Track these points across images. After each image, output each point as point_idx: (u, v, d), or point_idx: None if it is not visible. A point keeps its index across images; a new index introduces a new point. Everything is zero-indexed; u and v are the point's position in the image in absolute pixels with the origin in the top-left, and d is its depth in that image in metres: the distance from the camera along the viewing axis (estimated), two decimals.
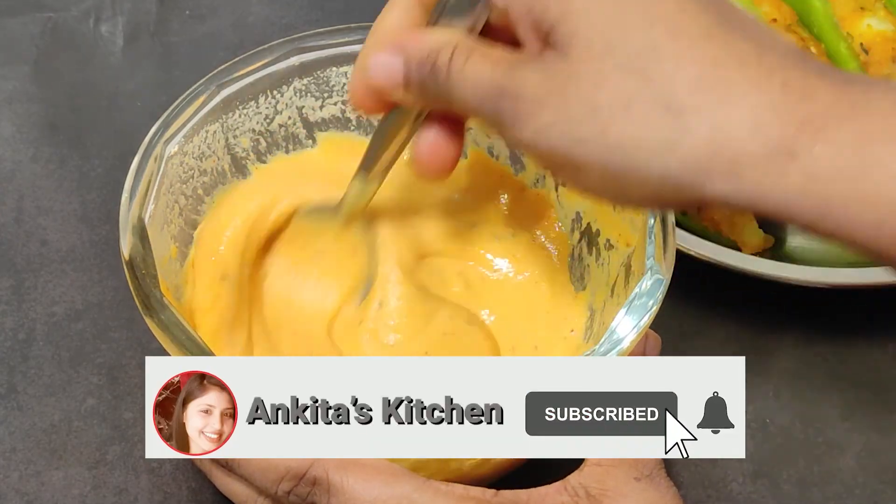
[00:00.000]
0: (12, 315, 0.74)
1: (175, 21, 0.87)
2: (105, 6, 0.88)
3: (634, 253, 0.65)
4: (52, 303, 0.74)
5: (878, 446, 0.71)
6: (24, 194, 0.79)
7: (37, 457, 0.69)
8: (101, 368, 0.72)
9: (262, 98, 0.70)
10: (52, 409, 0.70)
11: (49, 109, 0.83)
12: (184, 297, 0.67)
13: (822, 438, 0.71)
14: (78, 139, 0.81)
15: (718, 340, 0.74)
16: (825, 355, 0.74)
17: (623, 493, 0.59)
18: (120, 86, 0.84)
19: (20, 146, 0.81)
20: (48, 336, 0.73)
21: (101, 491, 0.68)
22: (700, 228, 0.76)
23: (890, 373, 0.74)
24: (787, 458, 0.70)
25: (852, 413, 0.72)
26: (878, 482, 0.70)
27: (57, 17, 0.87)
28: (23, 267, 0.76)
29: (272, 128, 0.71)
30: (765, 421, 0.72)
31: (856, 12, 0.82)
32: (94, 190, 0.79)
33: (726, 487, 0.69)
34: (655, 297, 0.61)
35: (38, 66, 0.85)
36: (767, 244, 0.76)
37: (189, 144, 0.67)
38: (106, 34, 0.86)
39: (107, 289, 0.75)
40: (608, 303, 0.67)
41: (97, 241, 0.77)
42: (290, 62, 0.70)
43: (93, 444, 0.69)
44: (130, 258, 0.62)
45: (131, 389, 0.71)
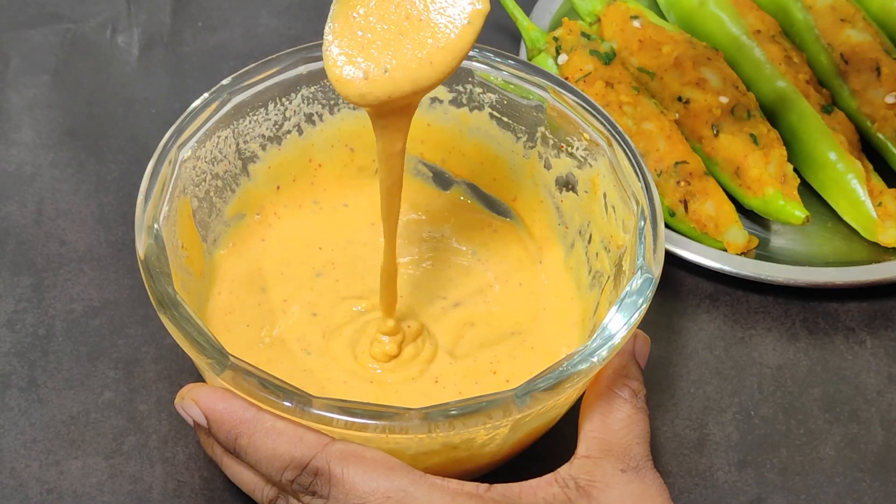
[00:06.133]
0: (33, 312, 0.74)
1: (188, 32, 0.87)
2: (121, 18, 0.87)
3: (625, 253, 0.66)
4: (70, 300, 0.74)
5: (857, 437, 0.71)
6: (43, 197, 0.79)
7: (56, 447, 0.69)
8: (117, 363, 0.72)
9: (271, 105, 0.71)
10: (71, 402, 0.71)
11: (68, 116, 0.82)
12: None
13: (804, 429, 0.71)
14: (95, 144, 0.81)
15: (705, 337, 0.75)
16: (807, 350, 0.74)
17: (609, 483, 0.61)
18: (135, 93, 0.84)
19: (40, 151, 0.81)
20: (67, 332, 0.73)
21: (118, 479, 0.68)
22: (687, 230, 0.76)
23: (868, 367, 0.74)
24: (770, 448, 0.70)
25: (832, 405, 0.72)
26: (857, 471, 0.70)
27: (76, 28, 0.87)
28: (43, 266, 0.76)
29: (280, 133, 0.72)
30: (749, 413, 0.72)
31: (836, 24, 0.82)
32: (111, 193, 0.79)
33: (712, 476, 0.69)
34: (645, 295, 0.63)
35: (57, 75, 0.84)
36: (752, 245, 0.76)
37: (202, 149, 0.68)
38: (122, 45, 0.86)
39: (123, 287, 0.75)
40: (601, 301, 0.68)
41: (114, 242, 0.77)
42: (298, 71, 0.71)
43: (109, 434, 0.70)
44: (145, 257, 0.63)
45: (146, 383, 0.71)
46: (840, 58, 0.81)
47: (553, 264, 0.73)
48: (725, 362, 0.74)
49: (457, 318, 0.71)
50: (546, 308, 0.71)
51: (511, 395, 0.59)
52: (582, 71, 0.80)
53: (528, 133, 0.72)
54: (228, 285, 0.71)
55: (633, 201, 0.66)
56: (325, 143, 0.74)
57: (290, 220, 0.73)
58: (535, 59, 0.82)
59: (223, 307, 0.70)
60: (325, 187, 0.74)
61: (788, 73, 0.81)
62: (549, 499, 0.60)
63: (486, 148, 0.74)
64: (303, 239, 0.73)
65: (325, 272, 0.72)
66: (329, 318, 0.70)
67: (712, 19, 0.83)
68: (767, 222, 0.79)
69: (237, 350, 0.65)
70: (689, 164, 0.77)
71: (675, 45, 0.81)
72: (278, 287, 0.71)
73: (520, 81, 0.71)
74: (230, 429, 0.61)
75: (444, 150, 0.75)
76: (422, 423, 0.59)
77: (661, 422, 0.71)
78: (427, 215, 0.75)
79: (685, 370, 0.73)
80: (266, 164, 0.72)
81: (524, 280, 0.73)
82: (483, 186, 0.75)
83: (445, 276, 0.73)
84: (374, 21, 0.59)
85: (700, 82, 0.80)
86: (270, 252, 0.72)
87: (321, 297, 0.71)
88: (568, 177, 0.71)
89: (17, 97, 0.84)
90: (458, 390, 0.67)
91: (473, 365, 0.69)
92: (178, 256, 0.66)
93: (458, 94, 0.73)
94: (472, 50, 0.71)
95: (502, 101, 0.72)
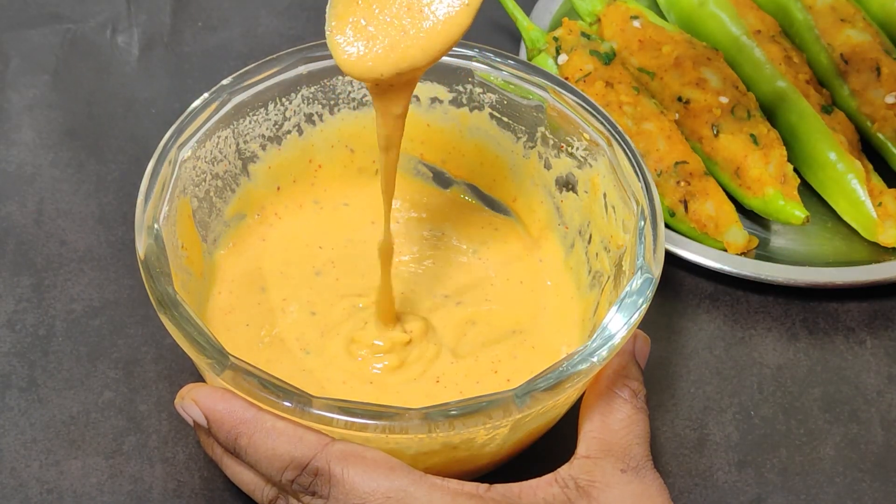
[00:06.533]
0: (33, 312, 0.74)
1: (188, 32, 0.87)
2: (121, 18, 0.87)
3: (625, 253, 0.66)
4: (70, 300, 0.74)
5: (857, 437, 0.71)
6: (44, 197, 0.79)
7: (56, 447, 0.69)
8: (117, 363, 0.72)
9: (271, 105, 0.71)
10: (71, 402, 0.71)
11: (68, 116, 0.82)
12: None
13: (804, 429, 0.71)
14: (95, 144, 0.81)
15: (705, 337, 0.75)
16: (807, 350, 0.74)
17: (609, 483, 0.61)
18: (135, 93, 0.84)
19: (40, 151, 0.81)
20: (67, 332, 0.73)
21: (118, 479, 0.68)
22: (687, 230, 0.77)
23: (868, 367, 0.74)
24: (770, 448, 0.70)
25: (832, 405, 0.72)
26: (857, 471, 0.70)
27: (76, 28, 0.87)
28: (43, 266, 0.76)
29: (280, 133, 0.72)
30: (749, 413, 0.72)
31: (836, 24, 0.82)
32: (111, 193, 0.79)
33: (712, 476, 0.69)
34: (645, 294, 0.63)
35: (57, 75, 0.84)
36: (752, 245, 0.76)
37: (202, 149, 0.69)
38: (122, 45, 0.86)
39: (123, 287, 0.75)
40: (601, 301, 0.68)
41: (114, 242, 0.77)
42: (298, 71, 0.71)
43: (109, 434, 0.70)
44: (145, 258, 0.63)
45: (146, 383, 0.71)
46: (840, 58, 0.81)
47: (553, 264, 0.73)
48: (725, 362, 0.74)
49: (459, 316, 0.71)
50: (547, 307, 0.71)
51: (511, 395, 0.59)
52: (582, 71, 0.80)
53: (528, 133, 0.72)
54: (228, 285, 0.71)
55: (633, 201, 0.66)
56: (325, 143, 0.74)
57: (290, 219, 0.74)
58: (535, 59, 0.83)
59: (223, 307, 0.70)
60: (326, 188, 0.74)
61: (788, 73, 0.81)
62: (549, 499, 0.60)
63: (486, 148, 0.74)
64: (303, 238, 0.73)
65: (325, 271, 0.72)
66: (328, 316, 0.70)
67: (712, 19, 0.84)
68: (767, 222, 0.79)
69: (237, 350, 0.65)
70: (689, 164, 0.77)
71: (675, 45, 0.81)
72: (278, 286, 0.71)
73: (520, 81, 0.71)
74: (230, 429, 0.61)
75: (444, 150, 0.75)
76: (422, 423, 0.59)
77: (661, 422, 0.71)
78: (427, 213, 0.75)
79: (685, 370, 0.74)
80: (266, 165, 0.73)
81: (525, 278, 0.73)
82: (483, 187, 0.75)
83: (446, 274, 0.73)
84: (375, 7, 0.60)
85: (700, 82, 0.80)
86: (271, 252, 0.72)
87: (320, 296, 0.71)
88: (568, 177, 0.71)
89: (17, 97, 0.84)
90: (459, 390, 0.68)
91: (475, 364, 0.69)
92: (178, 256, 0.66)
93: (458, 94, 0.73)
94: (472, 50, 0.71)
95: (502, 101, 0.72)
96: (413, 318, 0.70)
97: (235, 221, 0.72)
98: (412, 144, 0.74)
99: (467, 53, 0.71)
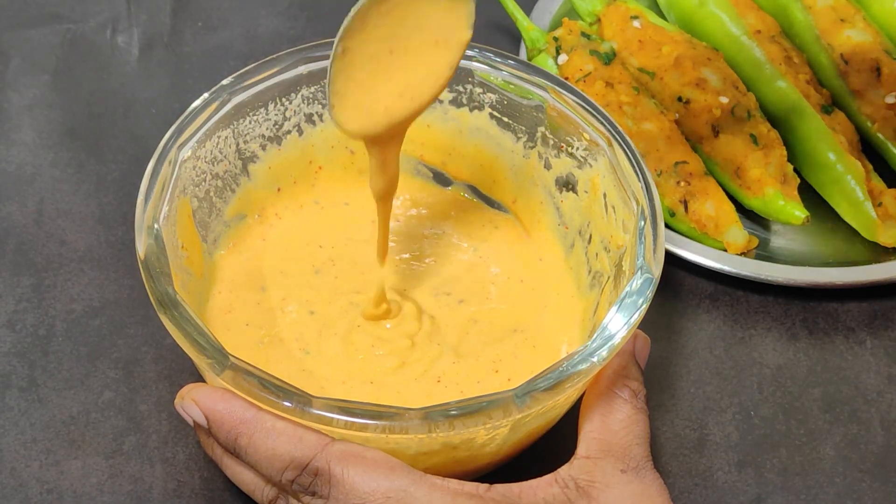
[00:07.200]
0: (33, 312, 0.74)
1: (188, 32, 0.87)
2: (121, 18, 0.88)
3: (625, 253, 0.66)
4: (70, 300, 0.74)
5: (857, 437, 0.71)
6: (44, 197, 0.79)
7: (56, 447, 0.69)
8: (117, 363, 0.72)
9: (271, 105, 0.71)
10: (71, 402, 0.71)
11: (68, 116, 0.83)
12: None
13: (804, 429, 0.71)
14: (95, 144, 0.81)
15: (705, 337, 0.75)
16: (807, 350, 0.74)
17: (609, 484, 0.61)
18: (135, 94, 0.84)
19: (40, 151, 0.81)
20: (67, 332, 0.73)
21: (118, 480, 0.68)
22: (687, 230, 0.77)
23: (868, 367, 0.74)
24: (770, 448, 0.70)
25: (832, 405, 0.72)
26: (857, 471, 0.70)
27: (76, 28, 0.87)
28: (43, 266, 0.76)
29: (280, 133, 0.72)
30: (749, 413, 0.72)
31: (836, 24, 0.82)
32: (111, 193, 0.79)
33: (712, 476, 0.69)
34: (645, 295, 0.63)
35: (57, 76, 0.85)
36: (752, 245, 0.76)
37: (202, 149, 0.69)
38: (122, 45, 0.86)
39: (123, 287, 0.75)
40: (601, 301, 0.68)
41: (114, 242, 0.77)
42: (298, 71, 0.71)
43: (109, 434, 0.70)
44: (145, 258, 0.63)
45: (146, 383, 0.71)
46: (840, 58, 0.81)
47: (553, 264, 0.73)
48: (725, 362, 0.74)
49: (462, 315, 0.71)
50: (548, 306, 0.71)
51: (511, 396, 0.59)
52: (582, 71, 0.80)
53: (528, 133, 0.72)
54: (228, 285, 0.71)
55: (633, 201, 0.66)
56: (325, 143, 0.74)
57: (290, 219, 0.74)
58: (535, 59, 0.83)
59: (223, 306, 0.70)
60: (326, 188, 0.75)
61: (788, 74, 0.81)
62: (549, 499, 0.60)
63: (486, 149, 0.74)
64: (303, 238, 0.73)
65: (325, 269, 0.72)
66: (326, 314, 0.70)
67: (712, 19, 0.84)
68: (767, 222, 0.79)
69: (237, 349, 0.65)
70: (689, 164, 0.77)
71: (675, 46, 0.81)
72: (278, 286, 0.71)
73: (520, 81, 0.71)
74: (230, 429, 0.61)
75: (445, 152, 0.75)
76: (422, 423, 0.59)
77: (661, 422, 0.71)
78: (428, 211, 0.75)
79: (685, 370, 0.74)
80: (266, 165, 0.73)
81: (525, 277, 0.73)
82: (483, 188, 0.75)
83: (448, 272, 0.73)
84: (362, 61, 0.61)
85: (700, 82, 0.80)
86: (271, 251, 0.72)
87: (319, 294, 0.71)
88: (568, 177, 0.72)
89: (17, 97, 0.84)
90: (460, 390, 0.67)
91: (476, 364, 0.69)
92: (178, 256, 0.66)
93: (458, 95, 0.73)
94: (472, 50, 0.71)
95: (502, 102, 0.72)
96: (406, 303, 0.70)
97: (235, 222, 0.72)
98: (412, 146, 0.74)
99: (467, 53, 0.71)
